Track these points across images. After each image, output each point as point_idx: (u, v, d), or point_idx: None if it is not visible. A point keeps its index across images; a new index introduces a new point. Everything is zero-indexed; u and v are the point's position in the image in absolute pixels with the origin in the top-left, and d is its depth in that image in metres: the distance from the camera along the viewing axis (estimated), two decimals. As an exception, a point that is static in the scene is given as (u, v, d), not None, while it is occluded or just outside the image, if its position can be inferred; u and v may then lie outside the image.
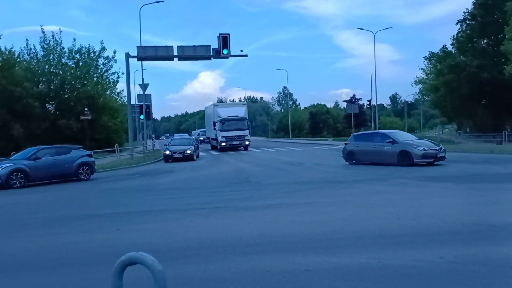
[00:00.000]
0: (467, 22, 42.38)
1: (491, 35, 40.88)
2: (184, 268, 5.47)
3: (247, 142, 35.74)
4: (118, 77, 44.59)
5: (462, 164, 17.95)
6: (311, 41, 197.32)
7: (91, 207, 11.62)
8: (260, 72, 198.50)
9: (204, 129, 54.05)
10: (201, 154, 32.36)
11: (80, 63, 42.02)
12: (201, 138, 53.38)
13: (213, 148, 39.35)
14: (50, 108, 41.10)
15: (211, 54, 29.16)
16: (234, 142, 35.09)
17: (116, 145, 30.01)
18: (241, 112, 36.49)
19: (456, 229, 6.94)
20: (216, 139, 36.68)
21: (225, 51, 28.11)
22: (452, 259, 5.32)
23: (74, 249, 6.82)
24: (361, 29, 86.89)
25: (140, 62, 32.81)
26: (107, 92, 45.43)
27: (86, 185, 17.33)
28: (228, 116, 35.19)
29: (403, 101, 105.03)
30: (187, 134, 55.08)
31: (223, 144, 34.79)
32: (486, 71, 37.69)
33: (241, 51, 29.62)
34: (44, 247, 7.13)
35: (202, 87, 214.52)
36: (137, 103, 36.37)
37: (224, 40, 28.03)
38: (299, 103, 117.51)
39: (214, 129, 36.29)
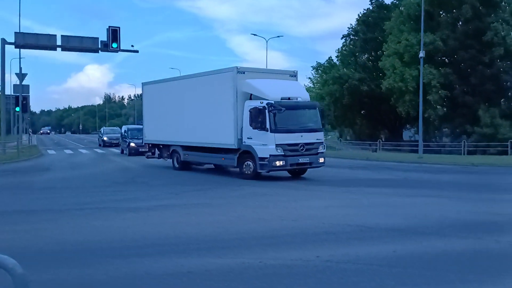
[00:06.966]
0: (351, 37, 45.71)
1: (371, 51, 44.57)
2: (56, 272, 5.10)
3: (321, 160, 15.30)
4: (-9, 64, 40.25)
5: (341, 169, 19.23)
6: (205, 43, 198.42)
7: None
8: (152, 70, 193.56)
9: (138, 126, 27.55)
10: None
11: None
12: (132, 144, 26.84)
13: (176, 167, 18.42)
14: None
15: (99, 47, 27.59)
16: (301, 160, 14.73)
17: (-16, 138, 27.04)
18: (301, 90, 16.18)
19: (331, 229, 7.40)
20: (249, 154, 14.80)
21: (114, 45, 26.79)
22: (327, 258, 5.64)
23: None
24: (254, 34, 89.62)
25: (18, 49, 30.05)
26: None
27: None
28: (281, 99, 14.57)
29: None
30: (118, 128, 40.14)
31: (278, 163, 14.23)
32: (366, 84, 40.92)
33: (132, 46, 28.51)
34: None
35: (88, 81, 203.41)
36: (12, 94, 33.25)
37: (114, 33, 26.71)
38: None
39: (253, 125, 14.45)
